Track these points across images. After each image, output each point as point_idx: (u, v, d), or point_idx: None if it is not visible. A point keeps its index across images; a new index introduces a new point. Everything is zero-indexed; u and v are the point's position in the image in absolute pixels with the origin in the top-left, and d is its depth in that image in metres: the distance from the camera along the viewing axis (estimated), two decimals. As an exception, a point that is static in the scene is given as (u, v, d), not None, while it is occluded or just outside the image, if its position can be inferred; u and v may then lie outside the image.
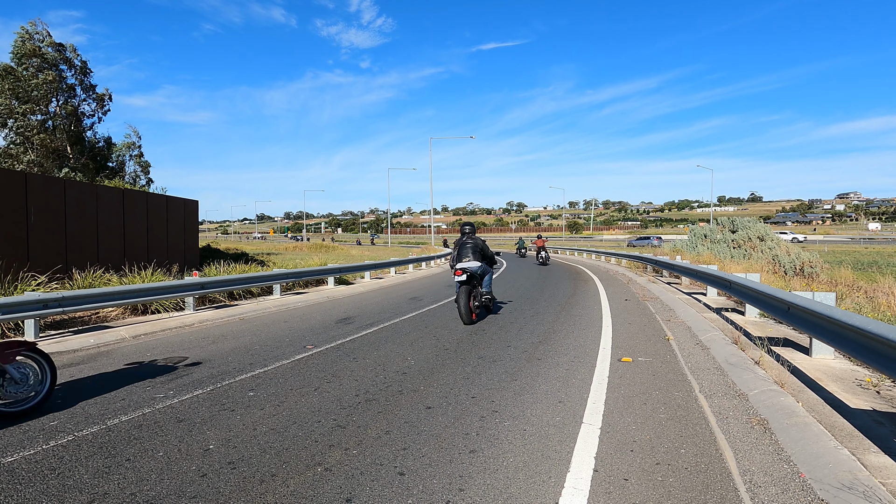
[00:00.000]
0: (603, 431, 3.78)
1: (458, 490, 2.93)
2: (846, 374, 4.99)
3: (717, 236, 21.25)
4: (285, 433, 3.75)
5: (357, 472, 3.13)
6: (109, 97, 29.33)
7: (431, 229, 54.44)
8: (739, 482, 3.03)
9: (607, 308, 10.26)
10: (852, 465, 3.03)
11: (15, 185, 10.48)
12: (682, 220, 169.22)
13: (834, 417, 3.83)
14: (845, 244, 51.18)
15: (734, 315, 8.55)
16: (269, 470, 3.17)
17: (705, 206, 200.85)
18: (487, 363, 5.79)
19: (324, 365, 5.74)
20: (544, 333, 7.57)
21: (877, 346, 3.85)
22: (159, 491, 2.91)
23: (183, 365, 5.77)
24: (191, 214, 17.80)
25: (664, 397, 4.59)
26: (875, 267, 21.00)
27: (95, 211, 12.80)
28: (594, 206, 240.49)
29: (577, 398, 4.56)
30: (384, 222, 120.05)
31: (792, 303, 5.58)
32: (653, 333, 7.59)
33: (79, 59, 27.73)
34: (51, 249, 11.18)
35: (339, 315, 9.50)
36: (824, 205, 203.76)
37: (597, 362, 5.83)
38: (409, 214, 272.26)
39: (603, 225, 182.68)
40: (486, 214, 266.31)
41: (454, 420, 4.01)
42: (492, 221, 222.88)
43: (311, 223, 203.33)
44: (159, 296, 8.81)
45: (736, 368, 5.29)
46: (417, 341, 6.99)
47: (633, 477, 3.09)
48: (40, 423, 3.97)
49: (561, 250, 41.88)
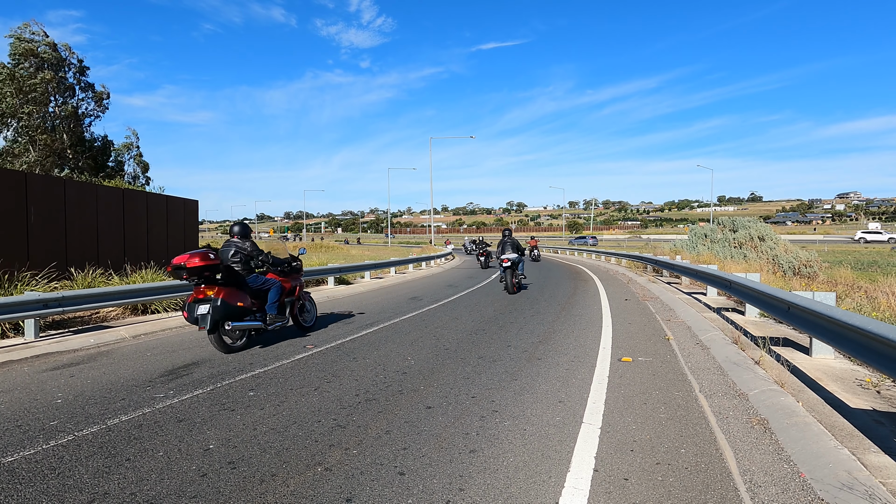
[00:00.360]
0: (603, 431, 3.78)
1: (458, 490, 2.93)
2: (846, 373, 4.99)
3: (718, 236, 21.25)
4: (285, 433, 3.75)
5: (357, 472, 3.13)
6: (108, 96, 29.34)
7: (431, 229, 54.41)
8: (739, 482, 3.03)
9: (607, 308, 10.26)
10: (852, 464, 3.03)
11: (15, 185, 10.48)
12: (682, 220, 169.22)
13: (834, 417, 3.83)
14: (845, 244, 51.23)
15: (734, 315, 8.55)
16: (270, 470, 3.17)
17: (705, 205, 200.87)
18: (487, 363, 5.79)
19: (324, 365, 5.74)
20: (544, 333, 7.57)
21: (877, 346, 3.85)
22: (159, 491, 2.91)
23: (183, 365, 5.77)
24: (191, 214, 17.79)
25: (664, 397, 4.59)
26: (875, 267, 21.01)
27: (95, 211, 12.79)
28: (594, 205, 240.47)
29: (577, 398, 4.56)
30: (384, 222, 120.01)
31: (792, 302, 5.58)
32: (653, 333, 7.59)
33: (76, 58, 27.74)
34: (51, 249, 11.17)
35: (340, 315, 9.49)
36: (824, 205, 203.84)
37: (597, 362, 5.83)
38: (409, 214, 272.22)
39: (603, 225, 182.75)
40: (486, 214, 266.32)
41: (454, 420, 4.01)
42: (492, 221, 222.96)
43: (311, 223, 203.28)
44: (159, 296, 8.81)
45: (736, 368, 5.29)
46: (417, 341, 6.99)
47: (634, 477, 3.09)
48: (40, 423, 3.97)
49: (561, 250, 41.88)
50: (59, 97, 26.96)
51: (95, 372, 5.51)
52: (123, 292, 8.17)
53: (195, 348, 6.64)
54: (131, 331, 7.70)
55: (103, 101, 29.06)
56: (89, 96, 28.47)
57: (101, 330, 7.71)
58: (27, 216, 10.66)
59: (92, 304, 7.71)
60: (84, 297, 7.56)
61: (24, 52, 25.41)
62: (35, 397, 4.63)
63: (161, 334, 7.70)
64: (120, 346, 6.91)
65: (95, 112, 28.85)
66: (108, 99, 29.36)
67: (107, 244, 13.12)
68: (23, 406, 4.39)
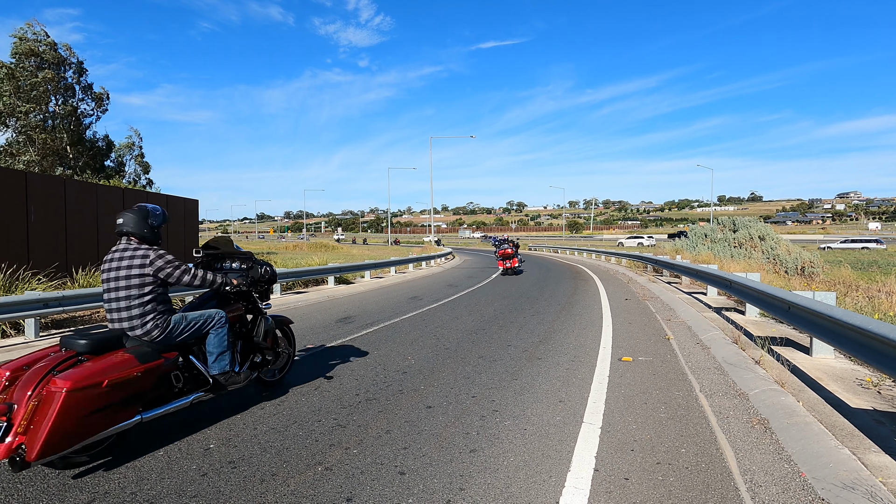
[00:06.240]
0: (603, 431, 3.78)
1: (458, 489, 2.92)
2: (847, 373, 4.99)
3: (718, 236, 21.24)
4: (286, 432, 3.75)
5: (357, 472, 3.13)
6: (107, 97, 29.35)
7: (431, 229, 54.35)
8: (740, 482, 3.03)
9: (607, 307, 10.25)
10: (853, 464, 3.02)
11: (15, 185, 10.48)
12: (682, 220, 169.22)
13: (834, 417, 3.83)
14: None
15: (734, 314, 8.55)
16: (270, 469, 3.17)
17: (705, 205, 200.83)
18: (488, 362, 5.78)
19: (323, 364, 5.73)
20: (544, 333, 7.57)
21: (877, 346, 3.85)
22: (159, 490, 2.91)
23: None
24: (191, 214, 17.80)
25: (664, 397, 4.59)
26: (875, 267, 21.01)
27: (95, 210, 12.79)
28: (594, 205, 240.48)
29: (577, 397, 4.56)
30: (384, 222, 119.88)
31: (792, 302, 5.58)
32: (653, 333, 7.58)
33: (75, 58, 27.74)
34: (51, 248, 11.17)
35: (340, 314, 9.49)
36: (824, 204, 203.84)
37: (597, 362, 5.83)
38: (409, 214, 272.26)
39: (603, 224, 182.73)
40: (487, 214, 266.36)
41: (454, 419, 4.01)
42: (492, 221, 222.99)
43: (312, 223, 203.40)
44: (159, 295, 8.79)
45: (736, 368, 5.28)
46: (418, 340, 6.99)
47: (634, 476, 3.09)
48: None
49: (561, 250, 41.88)
50: (59, 97, 26.97)
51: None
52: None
53: (195, 348, 6.64)
54: (131, 330, 7.69)
55: (103, 101, 29.07)
56: (89, 96, 28.48)
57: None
58: (27, 216, 10.66)
59: (92, 303, 7.70)
60: (84, 297, 7.55)
61: (25, 51, 25.43)
62: (35, 397, 4.63)
63: (161, 334, 7.69)
64: (120, 345, 6.90)
65: (95, 112, 28.87)
66: (108, 100, 29.39)
67: (107, 243, 13.11)
68: (23, 405, 4.38)
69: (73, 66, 27.64)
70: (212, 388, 3.95)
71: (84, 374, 3.05)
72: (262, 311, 4.63)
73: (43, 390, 2.97)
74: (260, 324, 4.53)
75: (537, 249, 48.88)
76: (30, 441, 2.82)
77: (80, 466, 3.17)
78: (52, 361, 3.20)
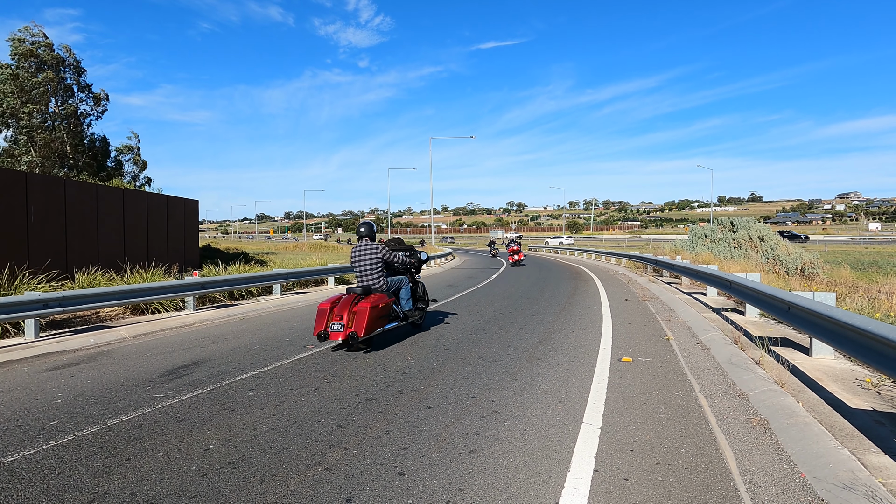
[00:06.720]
0: (603, 431, 3.78)
1: (458, 490, 2.93)
2: (846, 374, 4.99)
3: (718, 236, 21.25)
4: (285, 433, 3.75)
5: (357, 472, 3.13)
6: (106, 97, 29.34)
7: (431, 229, 54.28)
8: (739, 482, 3.03)
9: (607, 308, 10.25)
10: (853, 464, 3.02)
11: (15, 185, 10.48)
12: (682, 220, 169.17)
13: (834, 417, 3.83)
14: (845, 244, 51.21)
15: (734, 315, 8.55)
16: (270, 470, 3.17)
17: (705, 205, 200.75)
18: (487, 363, 5.79)
19: (324, 364, 5.74)
20: (544, 333, 7.57)
21: (877, 346, 3.85)
22: (159, 491, 2.91)
23: (183, 365, 5.77)
24: (191, 214, 17.80)
25: (664, 397, 4.59)
26: (875, 267, 21.02)
27: (95, 210, 12.80)
28: (594, 205, 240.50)
29: (577, 398, 4.56)
30: (384, 222, 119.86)
31: (792, 303, 5.58)
32: (653, 333, 7.59)
33: (74, 59, 27.75)
34: (51, 249, 11.18)
35: (339, 315, 9.49)
36: (824, 205, 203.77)
37: (597, 362, 5.83)
38: (409, 214, 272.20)
39: (603, 225, 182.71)
40: (487, 214, 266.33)
41: (454, 420, 4.01)
42: (492, 221, 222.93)
43: (312, 223, 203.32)
44: (159, 295, 8.81)
45: (736, 368, 5.29)
46: (417, 341, 6.99)
47: (634, 477, 3.09)
48: (40, 423, 3.97)
49: (561, 250, 41.88)
50: (58, 97, 26.97)
51: (95, 372, 5.51)
52: (123, 292, 8.17)
53: (195, 348, 6.64)
54: (131, 330, 7.70)
55: (101, 101, 29.07)
56: (88, 97, 28.48)
57: (101, 330, 7.71)
58: (27, 216, 10.66)
59: (92, 303, 7.71)
60: (84, 297, 7.56)
61: (24, 52, 25.45)
62: (35, 397, 4.63)
63: (161, 334, 7.71)
64: (120, 345, 6.91)
65: (94, 113, 28.87)
66: (108, 101, 29.38)
67: (107, 244, 13.12)
68: (23, 406, 4.39)
69: (72, 66, 27.65)
70: (402, 318, 7.09)
71: (372, 301, 6.34)
72: (417, 280, 8.01)
73: (354, 308, 6.26)
74: (418, 286, 7.89)
75: (537, 250, 48.93)
76: (357, 328, 6.02)
77: (364, 350, 6.27)
78: (351, 297, 6.44)
